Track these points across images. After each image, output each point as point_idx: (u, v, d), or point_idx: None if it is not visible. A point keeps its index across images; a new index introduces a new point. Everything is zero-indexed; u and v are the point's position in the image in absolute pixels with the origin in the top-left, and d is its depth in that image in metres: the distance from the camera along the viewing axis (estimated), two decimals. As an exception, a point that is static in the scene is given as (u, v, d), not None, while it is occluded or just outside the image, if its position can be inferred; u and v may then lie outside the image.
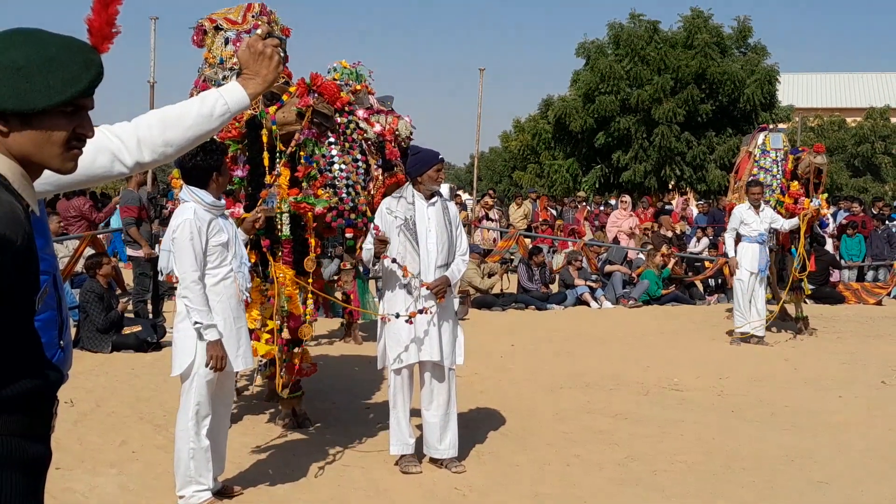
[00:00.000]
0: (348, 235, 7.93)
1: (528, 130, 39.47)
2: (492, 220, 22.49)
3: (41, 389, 2.38)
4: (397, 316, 6.93)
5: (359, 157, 7.82)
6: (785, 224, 12.92)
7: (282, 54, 7.24)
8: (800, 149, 13.56)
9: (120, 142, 2.91)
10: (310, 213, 7.30)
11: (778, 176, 13.59)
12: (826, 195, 13.61)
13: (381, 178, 8.31)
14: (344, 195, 7.88)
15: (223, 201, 6.33)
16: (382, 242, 6.90)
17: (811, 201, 13.08)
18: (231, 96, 3.12)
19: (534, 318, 15.48)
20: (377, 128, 8.44)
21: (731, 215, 13.18)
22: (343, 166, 7.95)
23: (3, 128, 2.31)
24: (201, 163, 6.01)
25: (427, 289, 6.94)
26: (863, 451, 7.97)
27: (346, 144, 8.05)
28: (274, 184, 7.12)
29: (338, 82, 7.59)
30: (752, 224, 12.75)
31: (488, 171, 54.55)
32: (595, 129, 31.70)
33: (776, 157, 13.63)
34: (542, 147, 36.74)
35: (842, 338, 13.62)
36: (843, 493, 6.97)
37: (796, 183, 13.36)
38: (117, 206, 17.19)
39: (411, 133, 9.12)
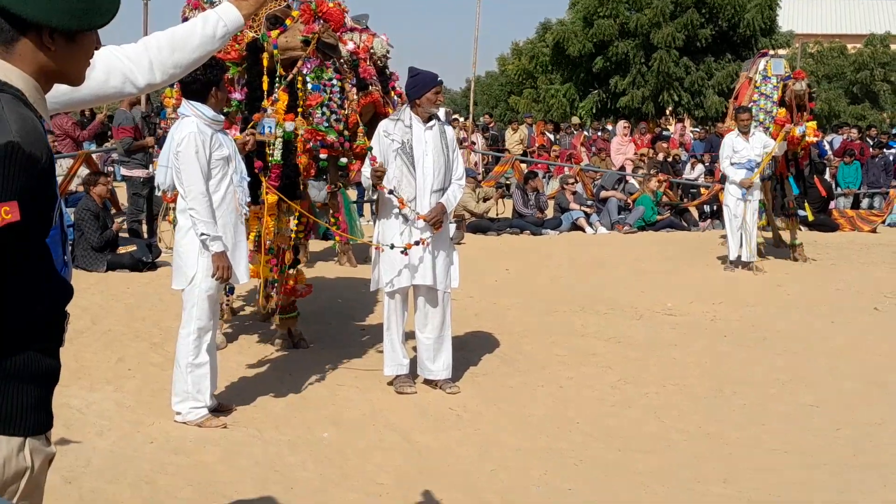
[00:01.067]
0: (323, 156, 7.78)
1: (525, 54, 39.09)
2: (471, 143, 22.15)
3: (55, 305, 2.41)
4: (392, 247, 6.92)
5: (333, 76, 7.67)
6: (776, 147, 12.91)
7: None
8: (790, 75, 13.45)
9: (131, 63, 2.93)
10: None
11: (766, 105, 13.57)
12: (814, 122, 13.48)
13: (355, 97, 8.20)
14: (319, 115, 7.78)
15: (222, 117, 6.31)
16: (379, 174, 6.85)
17: (797, 128, 13.02)
18: (228, 17, 3.14)
19: (529, 243, 15.50)
20: (350, 46, 8.31)
21: (723, 143, 13.20)
22: (321, 87, 7.84)
23: (50, 46, 2.31)
24: (201, 77, 5.99)
25: (423, 220, 6.91)
26: (853, 376, 8.05)
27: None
28: (270, 108, 7.06)
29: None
30: (741, 151, 12.75)
31: (484, 95, 54.10)
32: (593, 54, 31.38)
33: (777, 83, 13.55)
34: (539, 71, 36.42)
35: (836, 265, 13.67)
36: (832, 416, 7.06)
37: (783, 110, 13.31)
38: (101, 123, 17.09)
39: (388, 52, 9.02)
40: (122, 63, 2.89)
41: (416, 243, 6.90)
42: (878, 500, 5.59)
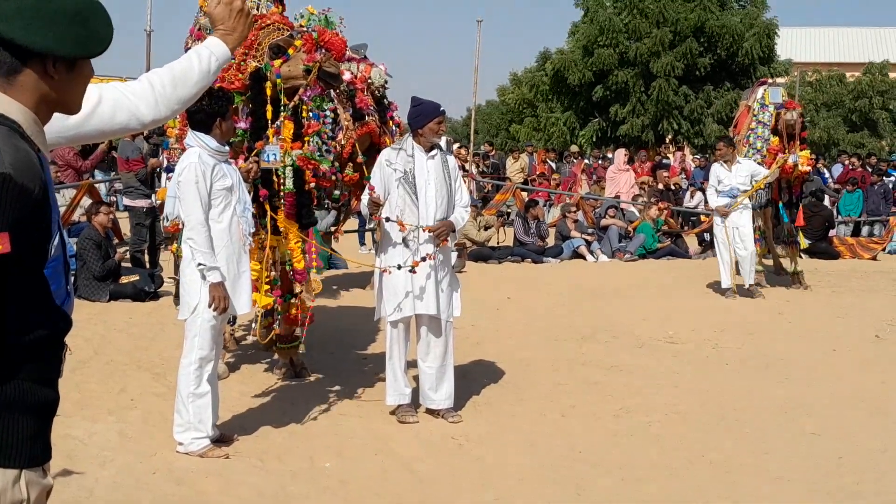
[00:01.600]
0: (311, 185, 7.73)
1: (525, 83, 39.27)
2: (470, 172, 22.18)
3: (52, 336, 2.42)
4: (399, 267, 6.93)
5: (326, 106, 7.70)
6: (770, 176, 13.00)
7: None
8: (784, 104, 13.53)
9: (137, 99, 2.98)
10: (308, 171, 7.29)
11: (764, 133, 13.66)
12: (807, 152, 13.58)
13: (351, 127, 8.23)
14: (312, 144, 7.78)
15: (227, 148, 6.35)
16: (375, 205, 6.88)
17: (790, 157, 13.08)
18: (217, 52, 3.20)
19: (530, 271, 15.52)
20: (347, 76, 8.36)
21: (710, 173, 13.36)
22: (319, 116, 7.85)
23: (54, 75, 2.34)
24: (206, 108, 6.05)
25: (429, 231, 6.93)
26: (855, 404, 8.04)
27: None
28: (274, 136, 7.11)
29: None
30: (724, 180, 12.88)
31: (485, 124, 54.30)
32: (593, 83, 31.53)
33: (774, 111, 13.64)
34: (539, 100, 36.56)
35: (837, 292, 13.68)
36: (834, 445, 7.04)
37: (776, 139, 13.39)
38: (104, 153, 17.13)
39: (386, 82, 9.07)
40: (127, 100, 2.93)
41: (423, 259, 6.91)
42: (881, 528, 5.58)
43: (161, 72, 3.07)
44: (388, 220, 6.98)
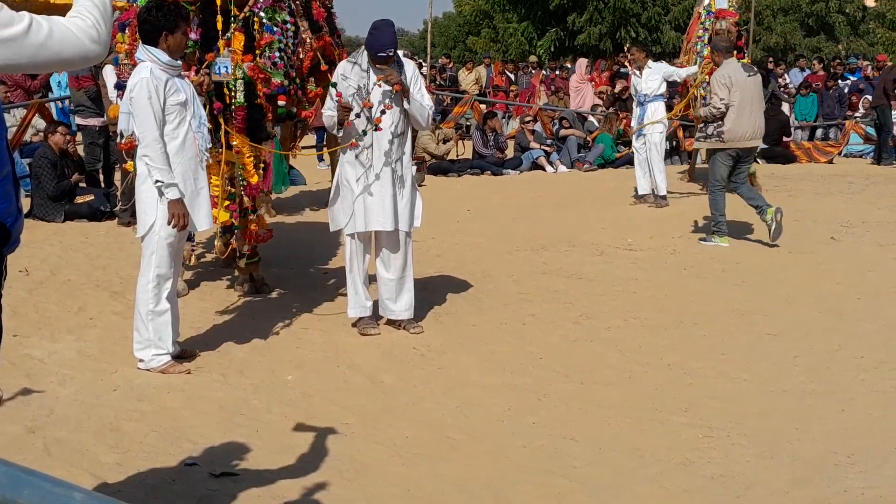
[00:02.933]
0: (281, 103, 7.55)
1: (482, -7, 38.80)
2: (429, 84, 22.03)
3: None
4: (364, 133, 6.83)
5: (287, 18, 7.49)
6: (681, 73, 13.07)
7: None
8: (716, 13, 13.32)
9: (83, 35, 2.87)
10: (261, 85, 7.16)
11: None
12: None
13: (309, 40, 8.04)
14: (277, 60, 7.59)
15: (179, 62, 6.21)
16: (346, 109, 6.78)
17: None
18: None
19: (489, 184, 15.48)
20: None
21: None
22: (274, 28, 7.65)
23: None
24: (153, 19, 5.92)
25: (381, 79, 6.77)
26: (810, 305, 8.18)
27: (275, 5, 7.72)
28: (226, 49, 6.97)
29: None
30: (637, 86, 12.98)
31: (442, 37, 53.73)
32: (550, -8, 31.22)
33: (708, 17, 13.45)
34: (496, 11, 36.15)
35: (793, 196, 13.77)
36: (791, 345, 7.18)
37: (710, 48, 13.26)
38: (52, 73, 16.74)
39: None
40: (75, 36, 2.85)
41: (382, 112, 6.80)
42: (834, 425, 5.71)
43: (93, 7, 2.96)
44: (357, 115, 6.84)
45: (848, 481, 4.90)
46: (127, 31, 7.43)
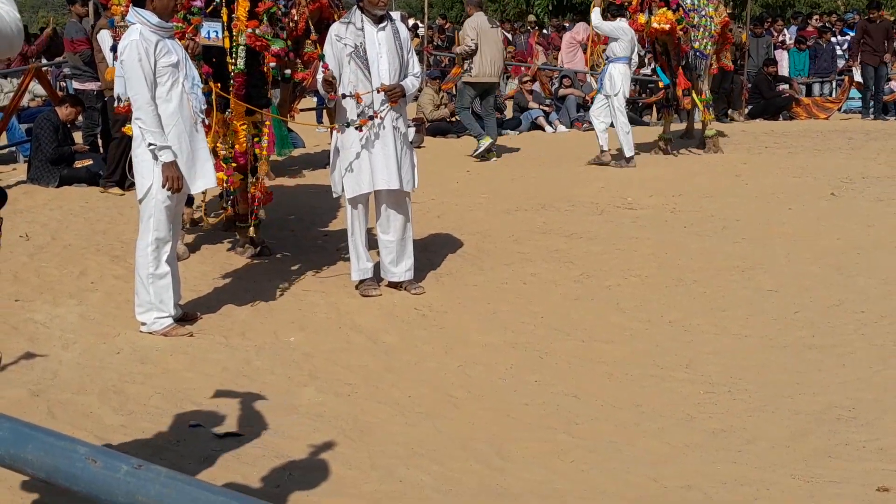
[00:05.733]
0: (271, 65, 7.43)
1: (479, -48, 38.44)
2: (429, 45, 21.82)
3: None
4: (348, 125, 6.84)
5: None
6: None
7: None
8: None
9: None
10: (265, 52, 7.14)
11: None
12: (665, 10, 12.59)
13: (303, 3, 7.99)
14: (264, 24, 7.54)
15: (171, 23, 6.17)
16: (329, 84, 6.75)
17: (642, 15, 12.72)
18: None
19: (489, 144, 15.42)
20: None
21: None
22: None
23: None
24: None
25: (383, 90, 6.82)
26: (810, 260, 8.18)
27: None
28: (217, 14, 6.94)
29: None
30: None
31: (440, -4, 53.32)
32: (548, -51, 30.97)
33: None
34: (493, -31, 35.89)
35: (792, 152, 13.75)
36: (791, 300, 7.19)
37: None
38: (48, 37, 16.66)
39: None
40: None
41: (370, 118, 6.83)
42: (835, 378, 5.73)
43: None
44: (344, 96, 6.87)
45: (849, 434, 4.93)
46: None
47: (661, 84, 13.73)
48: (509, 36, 24.44)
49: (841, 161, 12.91)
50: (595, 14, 12.92)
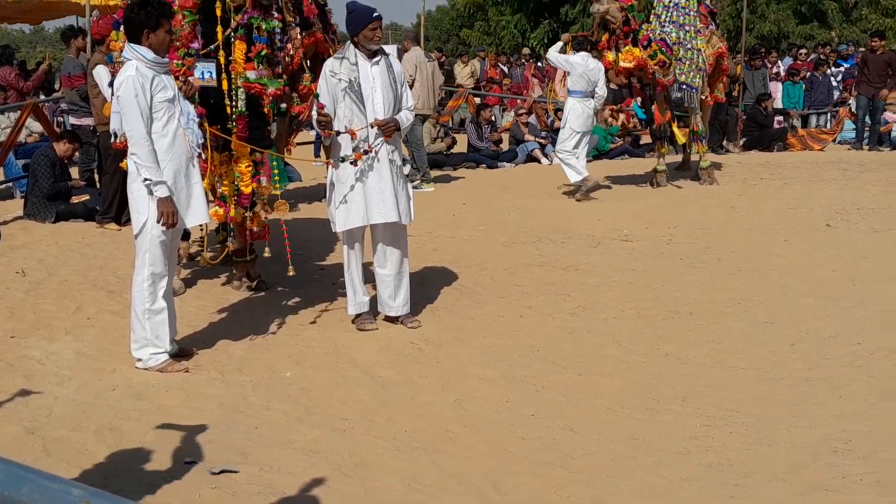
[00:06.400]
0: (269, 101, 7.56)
1: (475, -14, 38.78)
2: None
3: None
4: (343, 160, 6.88)
5: (275, 14, 7.47)
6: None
7: None
8: None
9: None
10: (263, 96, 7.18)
11: (676, 22, 13.23)
12: (633, 48, 12.66)
13: (299, 37, 8.04)
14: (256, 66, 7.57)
15: (167, 59, 6.21)
16: (323, 123, 6.79)
17: (609, 53, 12.80)
18: None
19: (485, 177, 15.50)
20: None
21: None
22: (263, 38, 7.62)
23: None
24: (133, 17, 5.92)
25: (377, 125, 6.86)
26: (805, 292, 8.20)
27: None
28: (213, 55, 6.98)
29: None
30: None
31: (436, 30, 53.65)
32: (543, -17, 31.24)
33: (670, 2, 13.27)
34: (489, 3, 36.16)
35: (788, 184, 13.81)
36: (786, 332, 7.20)
37: (606, 34, 12.93)
38: (45, 73, 16.74)
39: None
40: None
41: (365, 152, 6.85)
42: (831, 410, 5.73)
43: None
44: (339, 133, 6.91)
45: (846, 467, 4.92)
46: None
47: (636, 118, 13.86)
48: (504, 69, 24.64)
49: (836, 192, 12.97)
50: (555, 46, 13.06)
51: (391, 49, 12.45)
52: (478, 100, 19.89)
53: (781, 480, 4.80)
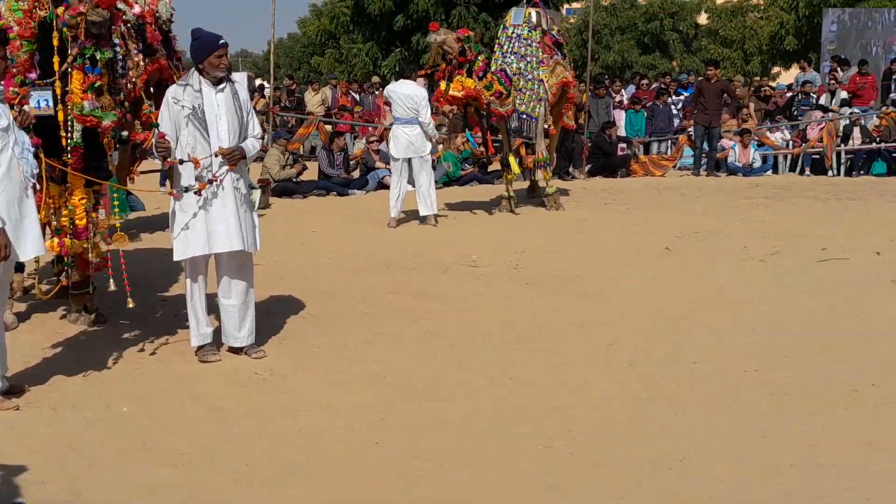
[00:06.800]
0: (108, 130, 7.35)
1: (326, 14, 38.76)
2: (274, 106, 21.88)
3: None
4: (186, 190, 6.75)
5: (116, 41, 7.29)
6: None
7: None
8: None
9: None
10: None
11: (518, 53, 13.56)
12: (465, 77, 12.81)
13: (141, 64, 7.89)
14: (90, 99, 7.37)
15: (1, 87, 5.98)
16: (163, 151, 6.66)
17: (443, 83, 13.03)
18: None
19: (335, 204, 15.43)
20: (136, 9, 8.01)
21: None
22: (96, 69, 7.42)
23: None
24: None
25: (222, 154, 6.75)
26: (646, 314, 8.43)
27: None
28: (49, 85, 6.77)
29: None
30: None
31: (287, 57, 53.50)
32: (394, 12, 31.40)
33: (513, 33, 13.67)
34: (340, 31, 36.19)
35: (630, 209, 14.21)
36: (627, 352, 7.38)
37: (444, 64, 13.03)
38: None
39: (172, 15, 8.73)
40: None
41: (210, 181, 6.74)
42: (669, 429, 5.88)
43: None
44: (181, 161, 6.77)
45: (681, 484, 5.05)
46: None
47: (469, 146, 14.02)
48: (356, 97, 24.67)
49: (675, 217, 13.41)
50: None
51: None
52: (329, 127, 19.86)
53: (619, 499, 4.89)
